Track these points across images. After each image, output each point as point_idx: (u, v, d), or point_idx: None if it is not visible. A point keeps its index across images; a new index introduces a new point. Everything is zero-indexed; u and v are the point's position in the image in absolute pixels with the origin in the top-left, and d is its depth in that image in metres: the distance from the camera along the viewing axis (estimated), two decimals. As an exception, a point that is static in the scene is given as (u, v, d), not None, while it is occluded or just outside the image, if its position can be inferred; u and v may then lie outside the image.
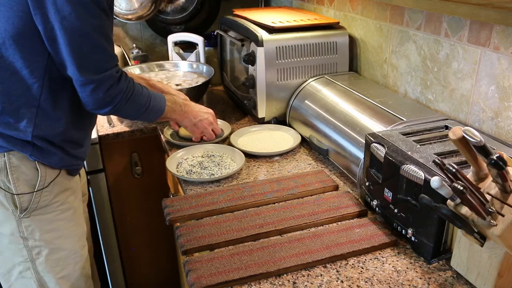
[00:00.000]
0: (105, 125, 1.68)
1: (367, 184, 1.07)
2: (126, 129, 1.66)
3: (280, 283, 0.87)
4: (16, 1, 0.98)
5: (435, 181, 0.74)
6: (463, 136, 0.71)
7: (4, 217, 1.13)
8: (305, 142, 1.42)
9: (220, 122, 1.54)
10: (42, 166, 1.13)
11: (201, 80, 1.79)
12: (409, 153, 0.96)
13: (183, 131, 1.49)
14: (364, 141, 1.08)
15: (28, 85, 1.05)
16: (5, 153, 1.09)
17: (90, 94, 1.06)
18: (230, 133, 1.48)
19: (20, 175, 1.11)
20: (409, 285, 0.86)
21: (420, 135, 1.06)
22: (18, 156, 1.10)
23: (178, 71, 1.93)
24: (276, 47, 1.46)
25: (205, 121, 1.38)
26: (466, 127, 0.71)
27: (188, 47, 2.10)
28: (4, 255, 1.17)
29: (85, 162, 1.57)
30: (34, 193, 1.12)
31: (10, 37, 1.00)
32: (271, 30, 1.48)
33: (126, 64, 2.07)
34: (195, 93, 1.70)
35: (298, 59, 1.50)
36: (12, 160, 1.09)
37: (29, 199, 1.12)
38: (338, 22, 1.59)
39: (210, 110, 1.42)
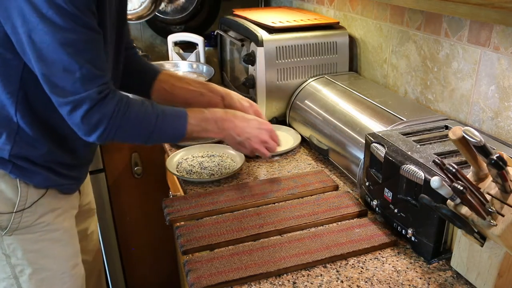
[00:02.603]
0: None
1: (367, 184, 1.07)
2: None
3: (280, 283, 0.87)
4: None
5: (435, 181, 0.74)
6: (463, 136, 0.71)
7: None
8: (305, 142, 1.42)
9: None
10: (24, 185, 1.01)
11: (202, 80, 1.79)
12: (409, 153, 0.96)
13: None
14: (364, 141, 1.08)
15: (2, 101, 0.95)
16: None
17: (68, 117, 0.92)
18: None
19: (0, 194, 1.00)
20: (409, 285, 0.86)
21: (420, 135, 1.06)
22: None
23: (178, 71, 1.93)
24: (276, 47, 1.46)
25: (254, 139, 1.11)
26: (466, 127, 0.71)
27: (188, 47, 2.10)
28: None
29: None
30: (14, 214, 1.01)
31: None
32: (271, 30, 1.48)
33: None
34: (195, 93, 1.70)
35: (298, 59, 1.50)
36: None
37: (8, 218, 1.01)
38: (338, 22, 1.59)
39: (266, 124, 1.15)
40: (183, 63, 1.95)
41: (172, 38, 2.03)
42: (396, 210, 0.97)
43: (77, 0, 0.83)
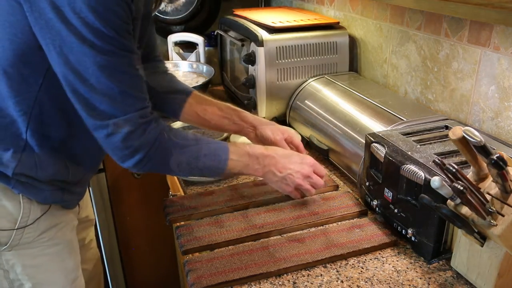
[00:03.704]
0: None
1: (367, 184, 1.07)
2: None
3: (280, 283, 0.87)
4: (11, 23, 0.84)
5: (435, 181, 0.74)
6: (463, 136, 0.71)
7: None
8: (305, 142, 1.42)
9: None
10: (27, 201, 0.98)
11: (201, 80, 1.79)
12: (409, 153, 0.96)
13: None
14: (364, 141, 1.08)
15: (13, 117, 0.91)
16: None
17: (106, 140, 0.88)
18: (230, 134, 1.48)
19: (0, 208, 0.97)
20: (409, 285, 0.86)
21: (420, 135, 1.06)
22: (0, 187, 0.96)
23: (178, 71, 1.93)
24: (276, 47, 1.46)
25: (296, 174, 1.03)
26: (466, 127, 0.71)
27: (188, 47, 2.10)
28: None
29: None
30: (15, 230, 0.98)
31: None
32: (271, 30, 1.48)
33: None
34: (195, 93, 1.70)
35: (298, 59, 1.50)
36: None
37: (8, 235, 0.98)
38: (338, 22, 1.59)
39: (308, 158, 1.07)
40: (183, 63, 1.95)
41: (172, 38, 2.03)
42: (396, 210, 0.97)
43: (116, 24, 0.80)
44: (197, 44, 1.98)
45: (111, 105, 0.84)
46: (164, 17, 2.17)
